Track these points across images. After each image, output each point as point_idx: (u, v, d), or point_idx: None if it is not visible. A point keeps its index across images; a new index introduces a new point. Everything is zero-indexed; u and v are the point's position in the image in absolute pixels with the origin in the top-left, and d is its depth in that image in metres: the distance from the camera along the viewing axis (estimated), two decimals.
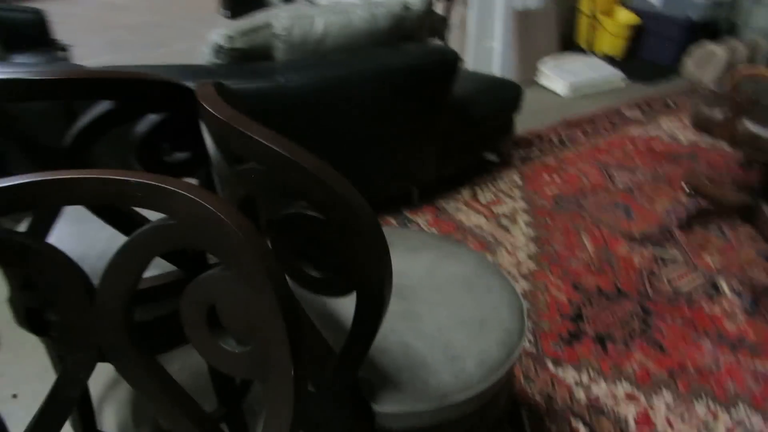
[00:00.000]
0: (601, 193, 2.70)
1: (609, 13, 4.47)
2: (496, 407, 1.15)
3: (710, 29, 4.67)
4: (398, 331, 1.02)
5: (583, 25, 4.45)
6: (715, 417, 1.65)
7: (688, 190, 2.73)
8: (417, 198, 2.51)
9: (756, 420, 1.65)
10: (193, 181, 0.92)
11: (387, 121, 2.18)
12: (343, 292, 0.78)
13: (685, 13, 4.28)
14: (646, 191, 2.73)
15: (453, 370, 0.98)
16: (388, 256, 0.75)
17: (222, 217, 0.55)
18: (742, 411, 1.67)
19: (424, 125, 2.29)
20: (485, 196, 2.64)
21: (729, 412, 1.66)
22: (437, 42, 3.12)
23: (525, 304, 1.15)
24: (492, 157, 2.82)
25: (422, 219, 2.47)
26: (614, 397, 1.70)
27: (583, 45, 4.48)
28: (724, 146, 3.17)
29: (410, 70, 2.11)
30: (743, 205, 2.47)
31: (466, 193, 2.64)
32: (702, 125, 2.37)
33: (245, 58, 1.95)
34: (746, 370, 1.80)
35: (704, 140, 3.25)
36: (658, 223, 2.49)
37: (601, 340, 1.88)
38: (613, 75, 4.01)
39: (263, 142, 0.71)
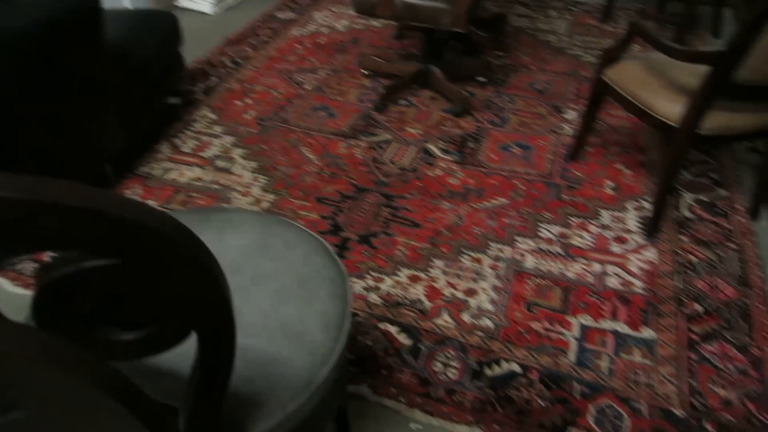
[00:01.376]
0: (297, 102, 2.65)
1: None
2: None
3: None
4: None
5: None
6: (480, 262, 1.85)
7: (366, 74, 2.86)
8: (113, 174, 2.11)
9: (506, 249, 1.90)
10: None
11: (39, 96, 1.71)
12: (177, 339, 0.56)
13: None
14: (334, 86, 2.78)
15: (304, 349, 0.85)
16: (219, 268, 0.56)
17: None
18: (494, 247, 1.91)
19: (87, 89, 1.86)
20: (187, 144, 2.36)
21: (486, 253, 1.89)
22: None
23: (327, 243, 1.05)
24: (175, 100, 2.50)
25: (132, 195, 2.10)
26: (401, 285, 1.77)
27: None
28: (376, 24, 3.38)
29: (41, 27, 1.64)
30: (416, 73, 2.70)
31: (165, 149, 2.32)
32: (363, 8, 2.44)
33: None
34: (481, 212, 2.05)
35: (358, 23, 3.41)
36: (358, 113, 2.58)
37: (365, 240, 1.92)
38: None
39: None
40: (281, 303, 0.89)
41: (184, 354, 0.62)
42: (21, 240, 0.43)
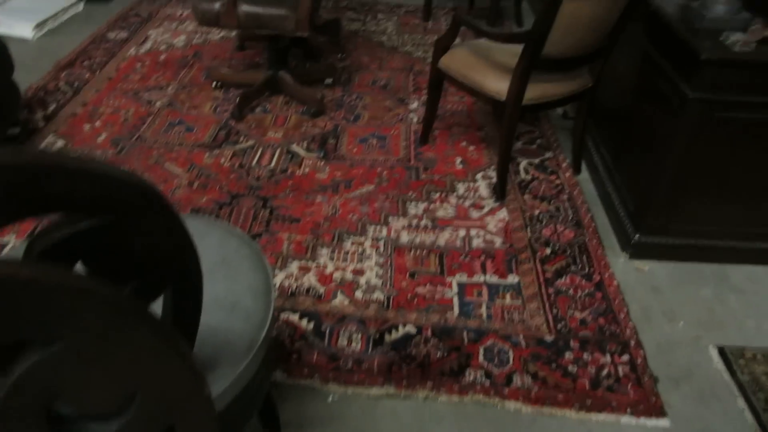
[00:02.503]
0: (150, 120, 2.61)
1: None
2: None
3: None
4: None
5: None
6: (361, 244, 2.01)
7: (216, 85, 2.89)
8: None
9: (382, 229, 2.08)
10: None
11: None
12: (155, 294, 0.63)
13: None
14: (186, 100, 2.77)
15: (240, 317, 0.93)
16: (185, 228, 0.64)
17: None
18: (371, 230, 2.07)
19: None
20: None
21: (366, 235, 2.05)
22: None
23: (236, 227, 1.12)
24: (14, 130, 2.34)
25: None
26: (293, 276, 1.86)
27: None
28: (216, 38, 3.40)
29: None
30: (266, 80, 2.79)
31: None
32: (206, 20, 2.48)
33: None
34: (353, 200, 2.20)
35: (197, 38, 3.40)
36: (217, 123, 2.61)
37: None
38: (67, 1, 3.65)
39: None
40: (210, 281, 0.96)
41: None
42: (27, 202, 0.49)
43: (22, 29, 3.29)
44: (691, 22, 1.76)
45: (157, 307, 0.66)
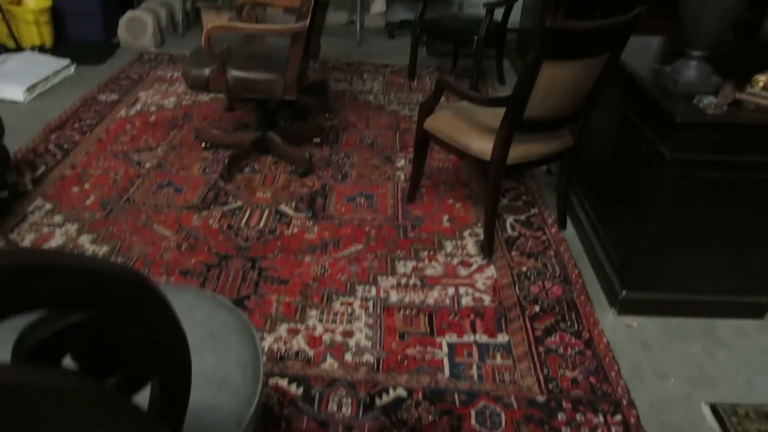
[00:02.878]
0: (139, 181, 2.63)
1: (17, 1, 4.02)
2: None
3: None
4: None
5: None
6: (350, 305, 2.00)
7: (205, 146, 2.93)
8: None
9: (371, 289, 2.08)
10: None
11: None
12: (139, 386, 0.62)
13: None
14: (175, 162, 2.80)
15: (228, 393, 0.92)
16: (177, 318, 0.64)
17: None
18: (360, 289, 2.07)
19: None
20: (26, 238, 2.22)
21: (354, 296, 2.04)
22: None
23: (224, 298, 1.12)
24: (2, 193, 2.34)
25: None
26: (282, 339, 1.85)
27: (9, 43, 3.95)
28: (206, 99, 3.47)
29: None
30: (255, 140, 2.83)
31: (2, 247, 2.16)
32: (197, 84, 2.54)
33: None
34: (342, 260, 2.21)
35: (187, 99, 3.46)
36: (206, 184, 2.63)
37: (239, 303, 1.97)
38: (59, 65, 3.72)
39: None
40: (199, 356, 0.95)
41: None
42: (20, 301, 0.49)
43: (14, 92, 3.33)
44: (665, 86, 1.83)
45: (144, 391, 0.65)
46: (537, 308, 2.02)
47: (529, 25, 4.17)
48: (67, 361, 0.56)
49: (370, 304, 2.01)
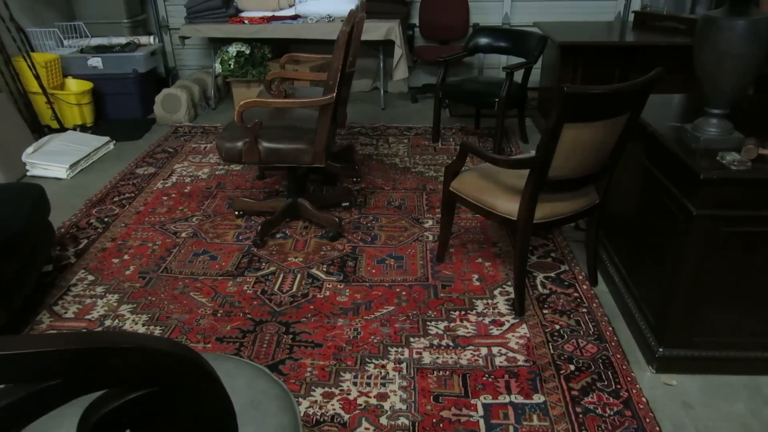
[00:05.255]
0: (176, 250, 2.72)
1: (60, 86, 4.30)
2: None
3: (159, 77, 5.06)
4: None
5: (40, 105, 4.15)
6: (384, 367, 2.01)
7: (239, 214, 3.02)
8: None
9: (404, 351, 2.08)
10: None
11: None
12: None
13: (131, 68, 4.50)
14: (210, 230, 2.90)
15: None
16: (226, 393, 0.68)
17: None
18: (393, 351, 2.08)
19: None
20: (69, 310, 2.30)
21: (388, 358, 2.05)
22: None
23: (263, 366, 1.15)
24: (47, 267, 2.45)
25: None
26: (317, 404, 1.86)
27: (53, 124, 4.20)
28: (237, 168, 3.60)
29: None
30: (286, 207, 2.92)
31: (47, 318, 2.25)
32: (230, 156, 2.66)
33: None
34: (374, 322, 2.23)
35: (220, 169, 3.61)
36: (239, 251, 2.70)
37: (274, 369, 2.00)
38: (99, 142, 3.93)
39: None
40: (241, 425, 0.98)
41: None
42: (84, 382, 0.53)
43: (58, 171, 3.52)
44: (687, 143, 1.86)
45: None
46: (572, 367, 2.00)
47: (549, 83, 4.27)
48: None
49: (404, 366, 2.02)
